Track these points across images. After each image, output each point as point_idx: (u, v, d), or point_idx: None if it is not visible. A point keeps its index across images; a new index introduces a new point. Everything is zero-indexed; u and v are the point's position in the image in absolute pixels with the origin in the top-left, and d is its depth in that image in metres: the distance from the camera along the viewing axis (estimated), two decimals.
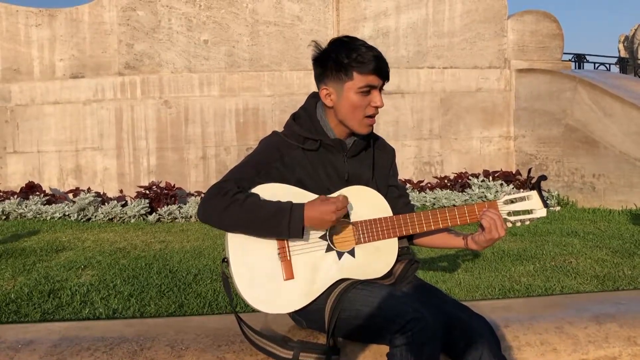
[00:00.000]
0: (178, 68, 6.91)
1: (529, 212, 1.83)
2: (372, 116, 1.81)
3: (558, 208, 2.04)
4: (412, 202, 2.12)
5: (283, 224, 1.67)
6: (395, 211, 1.85)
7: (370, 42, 1.83)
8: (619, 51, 23.67)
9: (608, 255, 4.00)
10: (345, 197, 1.71)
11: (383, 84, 1.81)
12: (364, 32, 7.06)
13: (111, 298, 3.10)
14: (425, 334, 1.55)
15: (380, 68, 1.76)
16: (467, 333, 1.65)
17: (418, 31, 7.26)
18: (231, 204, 1.68)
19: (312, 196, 1.77)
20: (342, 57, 1.75)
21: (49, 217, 5.82)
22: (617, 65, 15.77)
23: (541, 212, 1.83)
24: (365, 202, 1.81)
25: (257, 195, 1.71)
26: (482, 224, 1.80)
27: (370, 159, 1.92)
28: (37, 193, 6.39)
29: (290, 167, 1.81)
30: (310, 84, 6.90)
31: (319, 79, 1.84)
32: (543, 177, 1.88)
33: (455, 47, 7.31)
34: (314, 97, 1.90)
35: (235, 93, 6.93)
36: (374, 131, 1.93)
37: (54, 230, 5.27)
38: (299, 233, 1.69)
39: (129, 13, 6.88)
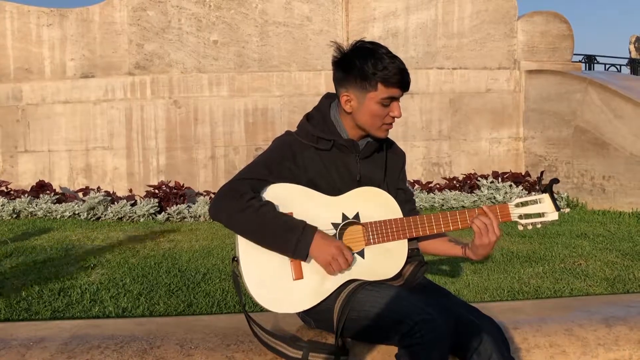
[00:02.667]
0: (188, 68, 6.93)
1: (540, 215, 1.82)
2: (389, 124, 1.83)
3: (567, 210, 2.05)
4: (421, 203, 2.13)
5: (290, 244, 1.68)
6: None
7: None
8: (630, 52, 23.47)
9: (618, 258, 3.97)
10: (351, 261, 1.72)
11: (402, 95, 1.82)
12: (373, 33, 7.05)
13: (120, 297, 3.12)
14: (433, 335, 1.55)
15: (403, 81, 1.78)
16: (476, 335, 1.65)
17: (427, 32, 7.25)
18: (244, 210, 1.69)
19: (323, 197, 1.77)
20: (368, 67, 1.75)
21: (59, 216, 5.86)
22: (628, 67, 15.63)
23: (553, 215, 1.82)
24: (376, 204, 1.81)
25: (271, 205, 1.72)
26: (472, 227, 1.79)
27: (383, 161, 1.93)
28: (48, 192, 6.44)
29: (302, 166, 1.81)
30: (319, 85, 6.91)
31: (340, 83, 1.83)
32: (555, 181, 1.87)
33: (464, 48, 7.29)
34: (327, 98, 1.91)
35: (245, 93, 6.95)
36: None
37: (64, 229, 5.30)
38: (303, 257, 1.70)
39: (140, 13, 6.91)
